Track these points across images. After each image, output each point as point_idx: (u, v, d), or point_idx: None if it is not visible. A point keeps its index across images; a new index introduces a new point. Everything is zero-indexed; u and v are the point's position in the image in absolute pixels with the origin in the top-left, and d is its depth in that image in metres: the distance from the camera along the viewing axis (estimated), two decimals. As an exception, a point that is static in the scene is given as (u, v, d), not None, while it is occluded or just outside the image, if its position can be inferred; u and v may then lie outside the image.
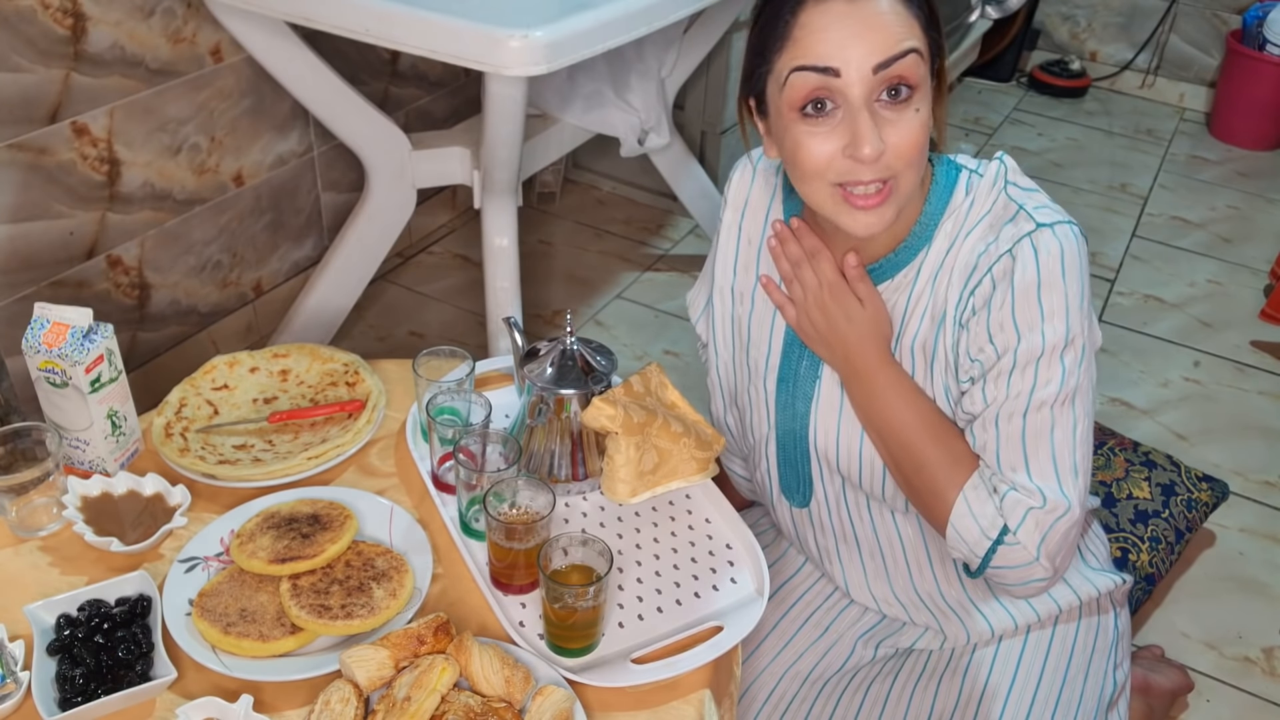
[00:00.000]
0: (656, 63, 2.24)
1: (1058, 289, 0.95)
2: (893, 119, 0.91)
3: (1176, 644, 1.73)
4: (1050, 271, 0.95)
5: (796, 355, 1.12)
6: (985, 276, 0.98)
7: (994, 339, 0.98)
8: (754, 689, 1.18)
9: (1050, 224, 0.96)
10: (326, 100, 1.87)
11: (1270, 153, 3.48)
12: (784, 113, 0.94)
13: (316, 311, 2.13)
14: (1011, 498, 0.98)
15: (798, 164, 0.95)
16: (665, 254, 2.71)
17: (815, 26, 0.90)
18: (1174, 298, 2.68)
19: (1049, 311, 0.95)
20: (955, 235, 1.01)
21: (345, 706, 0.86)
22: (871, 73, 0.89)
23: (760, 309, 1.16)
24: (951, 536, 1.01)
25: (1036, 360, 0.96)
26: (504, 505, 1.03)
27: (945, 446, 1.01)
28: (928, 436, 1.02)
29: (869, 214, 0.94)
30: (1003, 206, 1.00)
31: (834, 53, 0.89)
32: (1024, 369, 0.96)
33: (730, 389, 1.23)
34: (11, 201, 1.67)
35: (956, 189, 1.02)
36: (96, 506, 1.07)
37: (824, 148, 0.92)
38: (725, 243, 1.18)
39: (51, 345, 1.06)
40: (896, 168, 0.93)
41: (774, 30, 0.93)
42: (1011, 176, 1.02)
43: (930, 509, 1.03)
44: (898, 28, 0.90)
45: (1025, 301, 0.96)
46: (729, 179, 1.19)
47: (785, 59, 0.92)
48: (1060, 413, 0.97)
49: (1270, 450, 2.17)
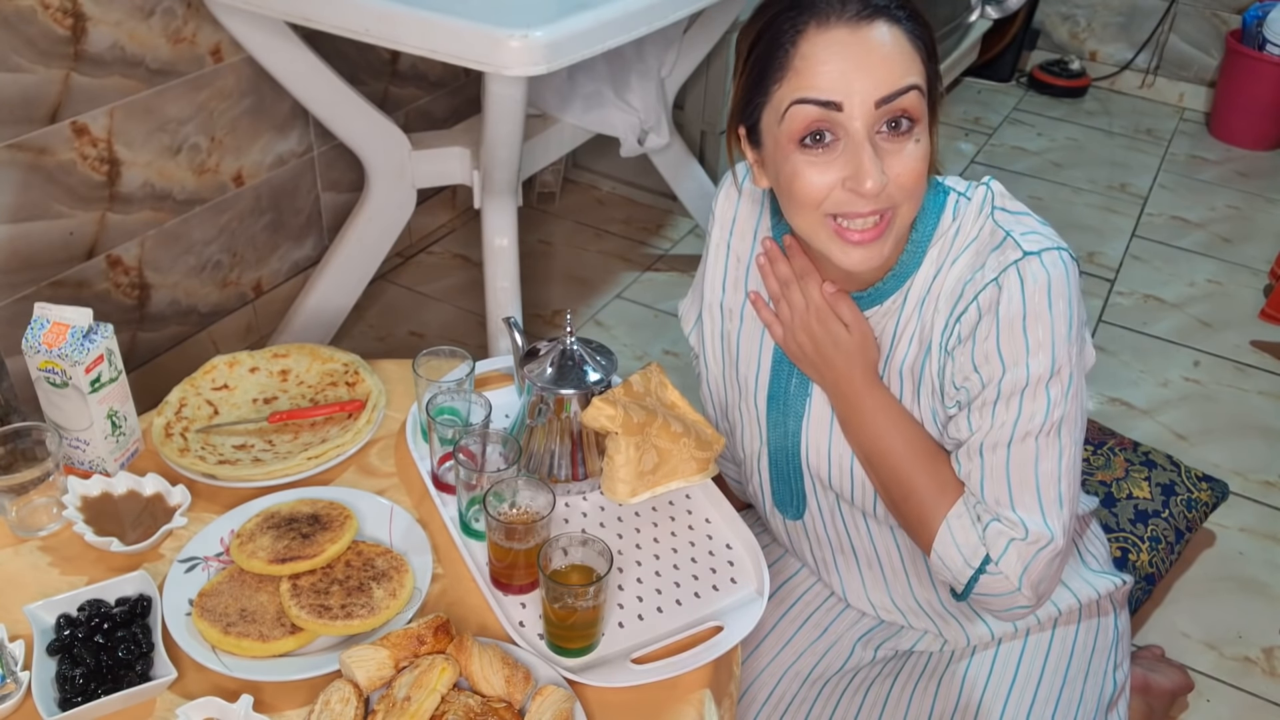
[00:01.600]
0: (656, 63, 2.24)
1: (1043, 320, 0.94)
2: (894, 150, 0.90)
3: (1176, 644, 1.73)
4: (1036, 303, 0.94)
5: (786, 373, 1.12)
6: (971, 305, 0.97)
7: (979, 369, 0.97)
8: (754, 689, 1.18)
9: (1038, 251, 0.95)
10: (326, 100, 1.87)
11: (1270, 153, 3.48)
12: (782, 144, 0.93)
13: (316, 311, 2.13)
14: (994, 528, 0.98)
15: (794, 194, 0.94)
16: (665, 254, 2.71)
17: (817, 58, 0.89)
18: (1174, 298, 2.68)
19: (1034, 344, 0.94)
20: (941, 262, 1.00)
21: (345, 706, 0.86)
22: (874, 107, 0.88)
23: (749, 326, 1.15)
24: (935, 563, 1.02)
25: (1021, 392, 0.95)
26: (504, 505, 1.03)
27: (931, 473, 1.01)
28: (914, 462, 1.02)
29: (864, 249, 0.94)
30: (989, 233, 0.98)
31: (836, 85, 0.88)
32: (1009, 400, 0.96)
33: (721, 404, 1.23)
34: (11, 201, 1.68)
35: (944, 213, 1.01)
36: (96, 506, 1.07)
37: (823, 179, 0.92)
38: (714, 260, 1.18)
39: (51, 345, 1.06)
40: (897, 199, 0.92)
41: (773, 60, 0.92)
42: (999, 202, 1.00)
43: (916, 534, 1.04)
44: (900, 62, 0.89)
45: (1010, 334, 0.95)
46: (715, 195, 1.18)
47: (785, 90, 0.91)
48: (1045, 443, 0.96)
49: (1270, 450, 2.17)
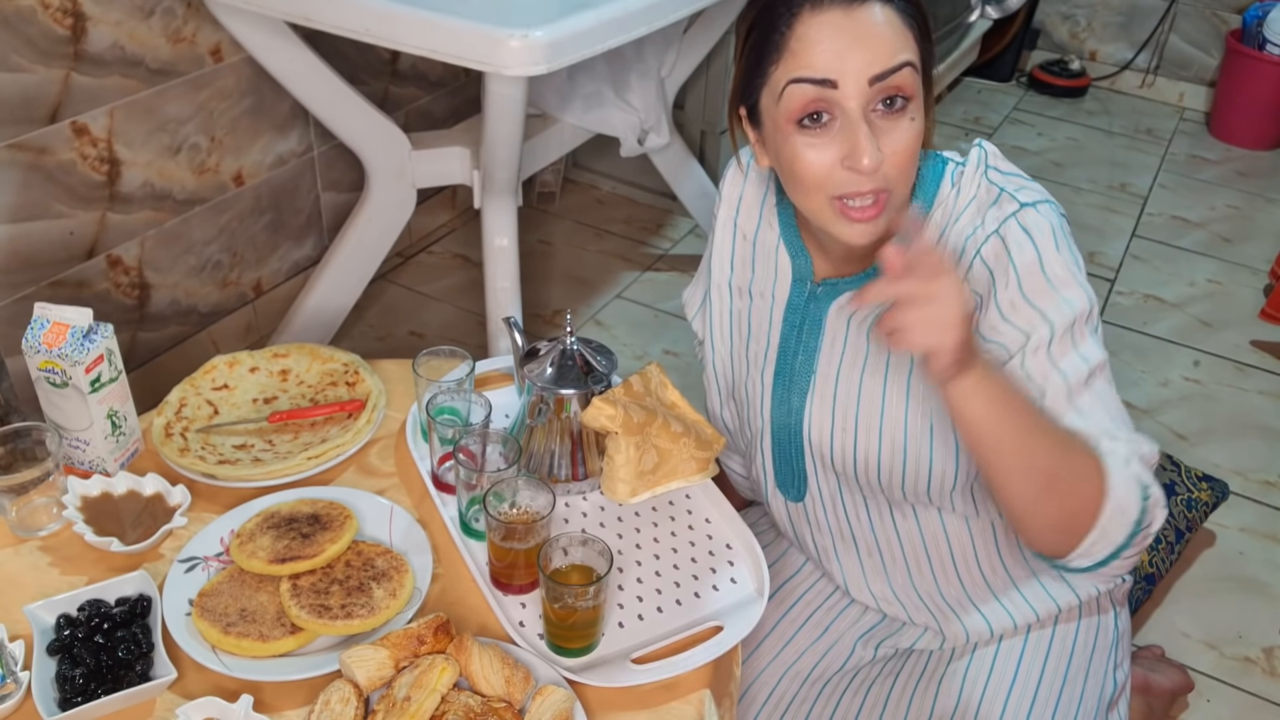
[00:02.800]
0: (656, 63, 2.24)
1: (1059, 260, 0.96)
2: (888, 128, 0.92)
3: (1176, 644, 1.73)
4: (1045, 246, 0.96)
5: (793, 350, 1.12)
6: (975, 259, 0.99)
7: (1009, 317, 0.97)
8: (754, 689, 1.18)
9: (1033, 203, 0.98)
10: (326, 100, 1.87)
11: (1270, 152, 3.48)
12: (781, 124, 0.95)
13: (316, 311, 2.13)
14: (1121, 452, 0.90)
15: (796, 175, 0.96)
16: (665, 254, 2.71)
17: (812, 39, 0.90)
18: (1174, 297, 2.68)
19: (1059, 281, 0.96)
20: (945, 224, 1.02)
21: (345, 706, 0.86)
22: (868, 84, 0.90)
23: (759, 304, 1.16)
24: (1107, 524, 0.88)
25: (1070, 329, 0.94)
26: (504, 505, 1.03)
27: (1063, 440, 0.90)
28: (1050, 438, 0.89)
29: (865, 225, 0.95)
30: (985, 191, 1.01)
31: (831, 64, 0.90)
32: (1062, 343, 0.94)
33: (728, 383, 1.24)
34: (11, 201, 1.67)
35: (943, 181, 1.03)
36: (96, 506, 1.07)
37: (822, 158, 0.93)
38: (721, 239, 1.19)
39: (51, 345, 1.06)
40: (892, 178, 0.93)
41: (769, 42, 0.93)
42: (992, 161, 1.03)
43: (1078, 511, 0.89)
44: (893, 40, 0.90)
45: (1032, 279, 0.96)
46: (722, 177, 1.19)
47: (781, 71, 0.93)
48: (1104, 382, 0.97)
49: (1270, 450, 2.17)
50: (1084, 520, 0.89)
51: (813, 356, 1.11)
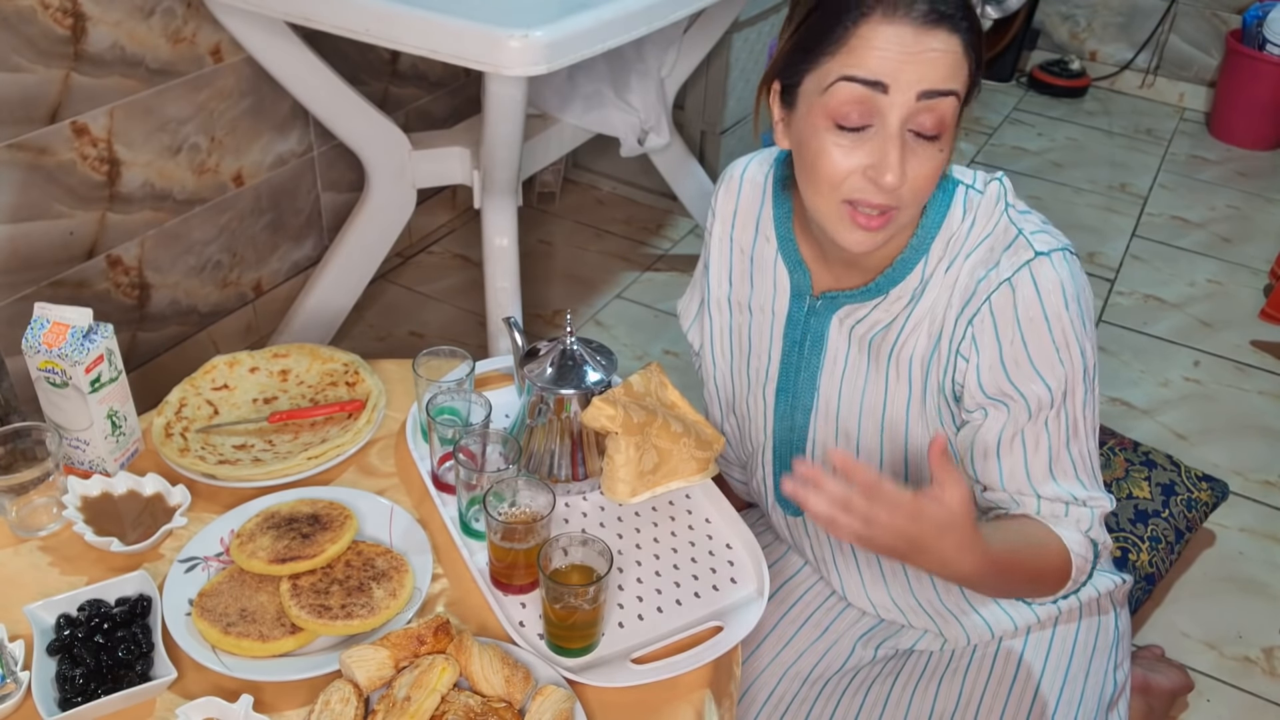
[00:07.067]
0: (656, 63, 2.24)
1: (1064, 318, 0.97)
2: (917, 150, 0.92)
3: (1176, 644, 1.73)
4: (1054, 304, 0.97)
5: (795, 366, 1.12)
6: (984, 305, 0.98)
7: (1010, 375, 0.99)
8: (754, 689, 1.18)
9: (1048, 252, 0.98)
10: (326, 100, 1.87)
11: (1270, 152, 3.48)
12: (816, 116, 0.94)
13: (316, 311, 2.13)
14: (1075, 513, 1.03)
15: (817, 171, 0.95)
16: (665, 254, 2.71)
17: (874, 43, 0.89)
18: (1174, 297, 2.68)
19: (1063, 342, 0.98)
20: (955, 255, 1.01)
21: (345, 706, 0.86)
22: (916, 98, 0.90)
23: (759, 319, 1.16)
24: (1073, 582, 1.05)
25: (1064, 396, 1.00)
26: (504, 505, 1.03)
27: (1039, 548, 1.02)
28: (1029, 555, 1.02)
29: (866, 233, 0.95)
30: (1004, 229, 1.00)
31: (886, 70, 0.89)
32: (1058, 410, 1.00)
33: (729, 398, 1.23)
34: (11, 201, 1.68)
35: (954, 204, 1.02)
36: (96, 506, 1.07)
37: (847, 162, 0.93)
38: (717, 255, 1.18)
39: (51, 345, 1.06)
40: (905, 199, 0.94)
41: (829, 33, 0.92)
42: (1011, 199, 1.02)
43: (1053, 588, 1.06)
44: (951, 66, 0.90)
45: (1036, 337, 0.97)
46: (714, 192, 1.18)
47: (835, 64, 0.91)
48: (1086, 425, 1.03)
49: (1270, 450, 2.17)
50: (1052, 590, 1.05)
51: (815, 374, 1.11)
